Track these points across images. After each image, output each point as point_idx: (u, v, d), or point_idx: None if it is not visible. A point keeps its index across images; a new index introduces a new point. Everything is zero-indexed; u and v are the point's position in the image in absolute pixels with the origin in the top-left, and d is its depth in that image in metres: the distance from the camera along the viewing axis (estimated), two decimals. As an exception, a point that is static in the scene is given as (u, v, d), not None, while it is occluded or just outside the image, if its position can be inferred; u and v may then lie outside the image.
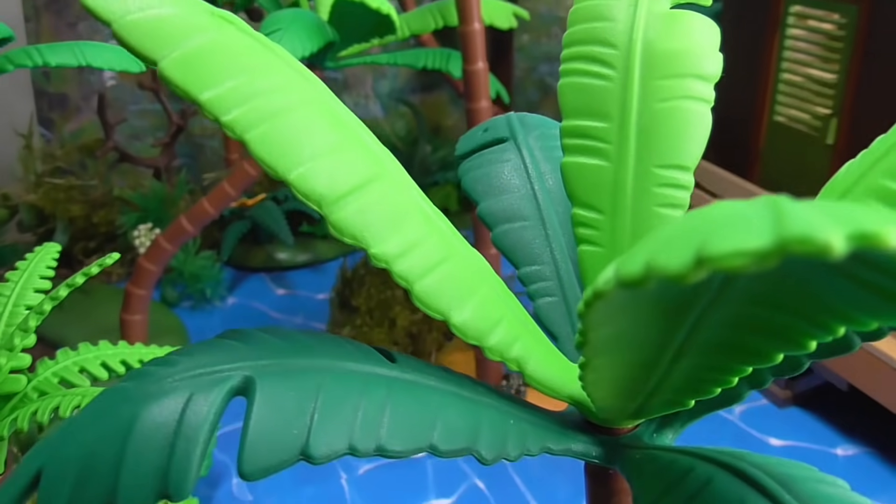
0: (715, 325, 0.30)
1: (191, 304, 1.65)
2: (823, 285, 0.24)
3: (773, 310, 0.28)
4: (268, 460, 0.33)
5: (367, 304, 1.36)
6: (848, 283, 0.23)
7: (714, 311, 0.29)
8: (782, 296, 0.27)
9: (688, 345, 0.32)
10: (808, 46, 1.48)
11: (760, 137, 1.65)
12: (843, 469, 1.19)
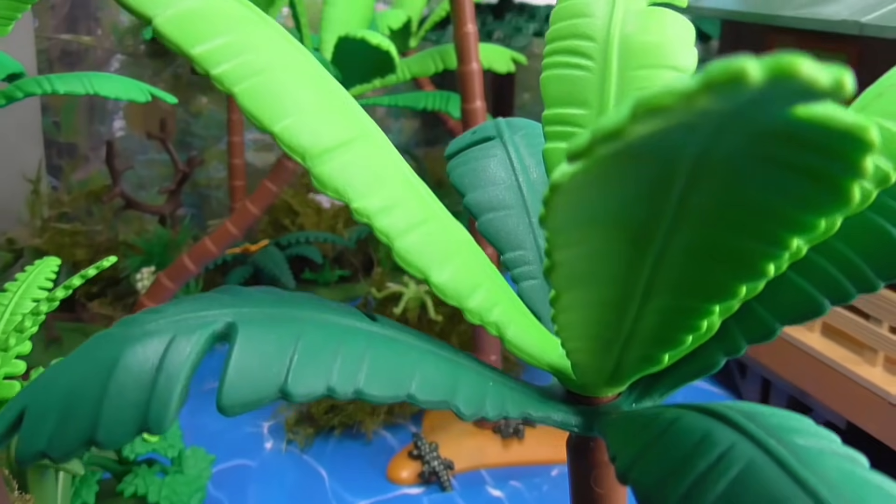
0: (676, 253, 0.31)
1: (191, 347, 1.65)
2: (763, 185, 0.26)
3: (726, 231, 0.29)
4: (247, 396, 0.34)
5: (366, 343, 1.37)
6: (783, 175, 0.25)
7: (673, 239, 0.30)
8: (731, 212, 0.28)
9: (654, 282, 0.33)
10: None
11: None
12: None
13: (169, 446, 1.09)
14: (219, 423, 1.39)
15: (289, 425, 1.34)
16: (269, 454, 1.31)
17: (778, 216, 0.27)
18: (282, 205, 1.92)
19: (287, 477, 1.25)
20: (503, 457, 1.28)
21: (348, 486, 1.22)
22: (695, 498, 0.30)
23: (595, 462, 0.45)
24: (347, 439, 1.34)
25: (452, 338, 1.42)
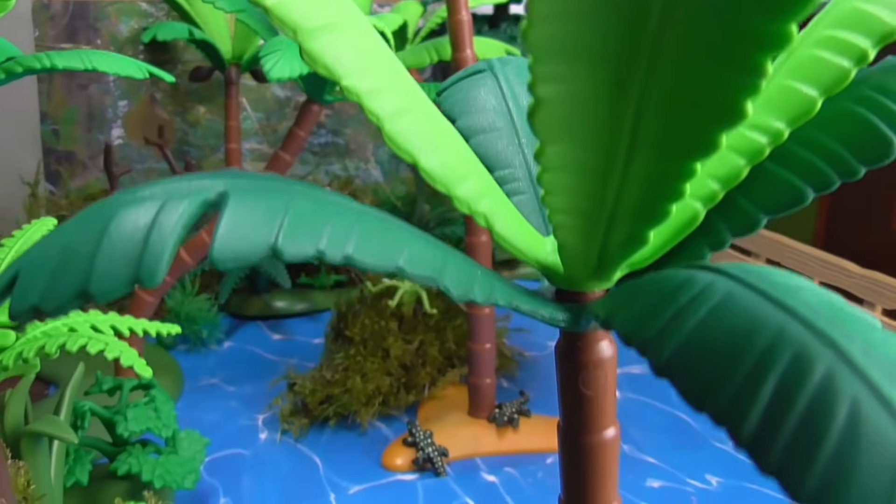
0: (656, 98, 0.32)
1: (187, 346, 1.65)
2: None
3: (701, 63, 0.30)
4: (238, 250, 0.34)
5: (362, 335, 1.37)
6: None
7: (652, 81, 0.31)
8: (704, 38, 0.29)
9: (636, 137, 0.34)
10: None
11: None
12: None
13: (163, 426, 1.09)
14: (214, 415, 1.38)
15: (283, 416, 1.34)
16: (264, 444, 1.30)
17: (747, 31, 0.28)
18: (278, 209, 1.92)
19: (281, 465, 1.24)
20: (498, 445, 1.28)
21: (342, 474, 1.22)
22: (674, 328, 0.30)
23: (583, 363, 0.46)
24: (342, 430, 1.34)
25: (447, 332, 1.43)
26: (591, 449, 0.48)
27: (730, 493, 1.18)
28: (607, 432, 0.48)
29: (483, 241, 1.25)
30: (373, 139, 2.32)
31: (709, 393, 0.28)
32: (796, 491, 0.25)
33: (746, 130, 0.41)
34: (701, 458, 1.27)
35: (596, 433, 0.47)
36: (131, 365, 0.81)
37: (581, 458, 0.48)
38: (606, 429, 0.48)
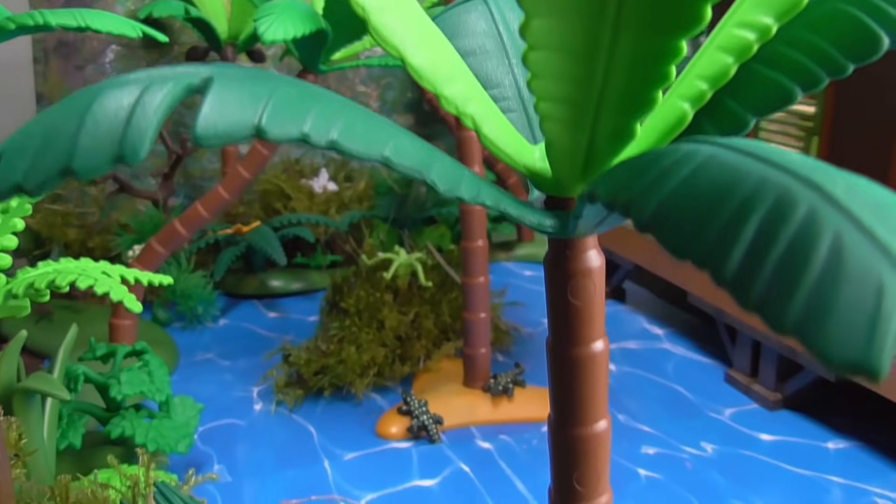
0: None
1: (182, 324, 1.65)
2: None
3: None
4: (222, 128, 0.34)
5: (357, 306, 1.37)
6: None
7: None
8: None
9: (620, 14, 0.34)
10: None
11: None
12: (834, 461, 1.17)
13: (157, 390, 1.09)
14: (209, 388, 1.38)
15: (278, 387, 1.34)
16: (259, 415, 1.30)
17: None
18: (274, 189, 1.93)
19: (276, 434, 1.24)
20: (492, 415, 1.28)
21: (337, 442, 1.21)
22: (657, 186, 0.30)
23: (571, 272, 0.46)
24: (337, 401, 1.33)
25: (443, 305, 1.42)
26: (580, 362, 0.48)
27: (724, 459, 1.18)
28: (596, 345, 0.48)
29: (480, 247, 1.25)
30: (369, 123, 2.31)
31: (691, 239, 0.27)
32: (778, 322, 0.25)
33: (734, 28, 0.41)
34: (696, 426, 1.27)
35: (584, 345, 0.47)
36: (121, 299, 0.81)
37: (570, 372, 0.48)
38: (595, 341, 0.48)
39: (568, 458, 0.50)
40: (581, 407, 0.49)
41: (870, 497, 1.09)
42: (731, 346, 1.43)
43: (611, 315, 1.72)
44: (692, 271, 1.49)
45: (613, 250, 1.73)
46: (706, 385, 1.40)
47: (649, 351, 1.54)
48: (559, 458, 0.51)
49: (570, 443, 0.50)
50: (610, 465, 0.54)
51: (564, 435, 0.50)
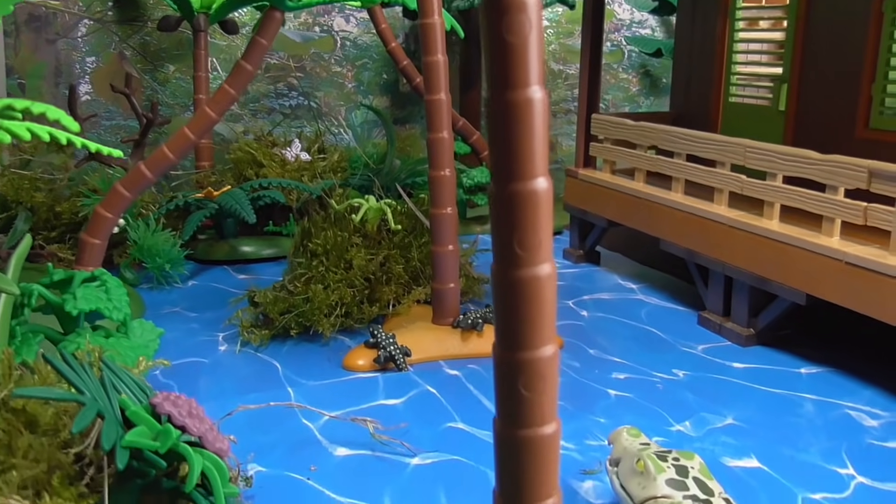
0: None
1: (150, 285, 1.62)
2: None
3: None
4: None
5: (324, 247, 1.35)
6: None
7: None
8: None
9: None
10: (758, 15, 1.56)
11: (718, 119, 1.69)
12: (807, 382, 1.16)
13: (115, 308, 1.06)
14: (173, 334, 1.35)
15: (243, 327, 1.31)
16: (223, 354, 1.27)
17: None
18: (246, 158, 1.91)
19: (240, 369, 1.22)
20: (462, 349, 1.25)
21: (302, 373, 1.19)
22: None
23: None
24: (304, 341, 1.31)
25: (413, 250, 1.41)
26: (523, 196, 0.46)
27: (696, 382, 1.16)
28: (538, 182, 0.46)
29: (447, 176, 1.24)
30: (345, 102, 2.31)
31: None
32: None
33: None
34: (667, 358, 1.25)
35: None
36: (57, 118, 0.79)
37: (512, 205, 0.46)
38: (536, 178, 0.46)
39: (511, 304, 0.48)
40: (520, 242, 0.47)
41: (842, 410, 1.07)
42: (703, 289, 1.41)
43: (585, 274, 1.71)
44: (663, 220, 1.48)
45: (587, 209, 1.73)
46: (679, 326, 1.38)
47: (623, 301, 1.53)
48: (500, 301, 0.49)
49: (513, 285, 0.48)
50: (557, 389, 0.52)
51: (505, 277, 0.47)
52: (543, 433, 0.51)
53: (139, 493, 0.70)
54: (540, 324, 0.50)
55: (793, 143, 1.45)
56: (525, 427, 0.51)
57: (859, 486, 0.89)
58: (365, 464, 0.93)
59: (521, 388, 0.50)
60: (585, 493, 0.88)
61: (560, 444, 0.51)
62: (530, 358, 0.50)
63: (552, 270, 0.50)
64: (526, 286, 0.49)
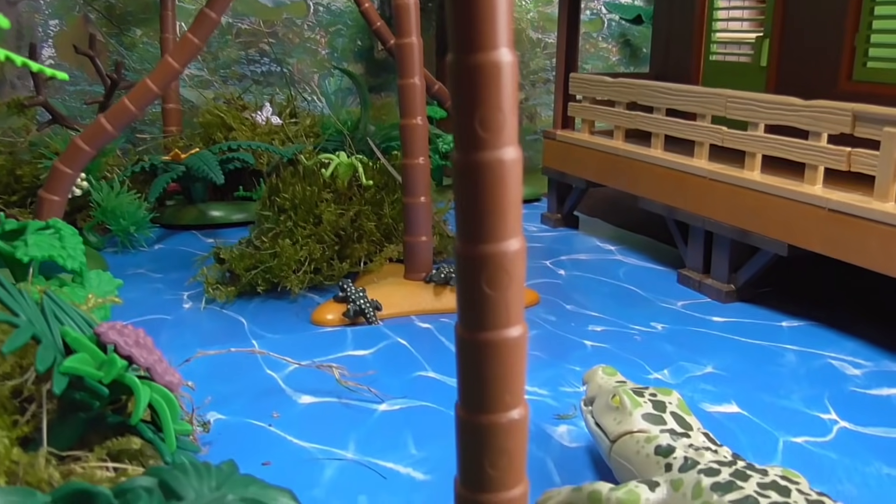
0: None
1: (115, 249, 1.57)
2: None
3: None
4: None
5: (292, 201, 1.30)
6: None
7: None
8: None
9: None
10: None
11: (699, 78, 1.65)
12: (788, 335, 1.13)
13: (68, 256, 1.01)
14: (137, 294, 1.30)
15: (209, 284, 1.27)
16: (188, 311, 1.23)
17: None
18: (214, 121, 1.86)
19: (204, 324, 1.17)
20: (434, 304, 1.21)
21: (268, 328, 1.14)
22: None
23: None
24: (272, 298, 1.27)
25: (385, 207, 1.36)
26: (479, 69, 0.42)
27: (674, 334, 1.13)
28: (500, 52, 0.42)
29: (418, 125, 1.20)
30: (318, 69, 2.26)
31: None
32: None
33: None
34: (646, 313, 1.22)
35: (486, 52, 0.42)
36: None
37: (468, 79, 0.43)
38: (498, 48, 0.42)
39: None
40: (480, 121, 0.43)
41: (824, 360, 1.04)
42: (682, 246, 1.38)
43: (563, 237, 1.67)
44: (642, 177, 1.45)
45: (565, 171, 1.69)
46: (658, 284, 1.35)
47: (601, 261, 1.49)
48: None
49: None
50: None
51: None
52: (509, 336, 0.47)
53: (83, 426, 0.66)
54: (504, 213, 0.46)
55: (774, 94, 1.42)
56: (489, 329, 0.47)
57: (842, 430, 0.86)
58: (330, 410, 0.89)
59: (484, 285, 0.46)
60: (559, 437, 0.84)
61: (527, 349, 0.47)
62: (494, 252, 0.46)
63: (517, 155, 0.46)
64: (489, 171, 0.45)
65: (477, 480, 0.51)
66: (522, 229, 0.46)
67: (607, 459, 0.72)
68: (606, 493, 0.64)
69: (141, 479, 0.49)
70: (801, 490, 0.58)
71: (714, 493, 0.59)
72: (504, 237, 0.46)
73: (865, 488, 0.75)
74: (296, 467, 0.78)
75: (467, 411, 0.50)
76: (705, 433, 0.70)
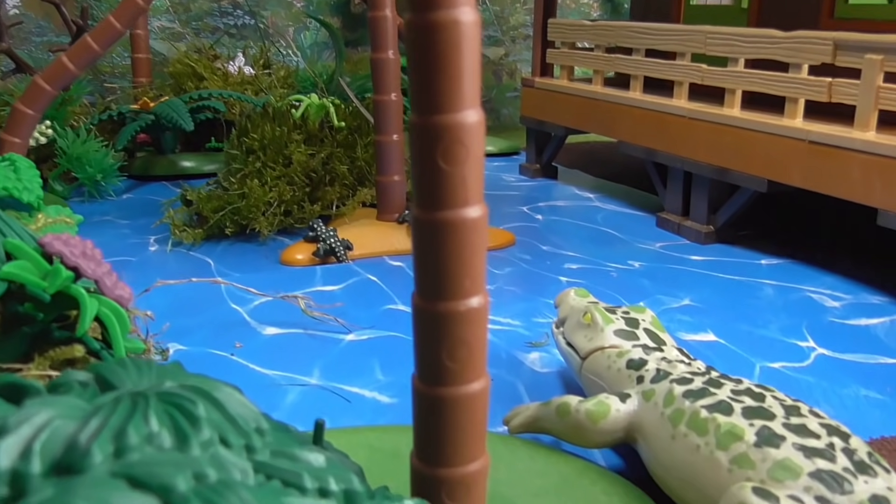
0: None
1: (82, 198, 1.53)
2: None
3: None
4: None
5: (262, 142, 1.26)
6: None
7: None
8: None
9: None
10: None
11: (680, 21, 1.62)
12: (768, 272, 1.10)
13: (24, 189, 0.98)
14: (102, 238, 1.27)
15: (175, 226, 1.23)
16: (153, 253, 1.19)
17: None
18: (185, 70, 1.81)
19: (169, 265, 1.14)
20: (407, 244, 1.18)
21: (235, 268, 1.11)
22: None
23: None
24: (241, 241, 1.23)
25: (358, 150, 1.33)
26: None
27: (652, 271, 1.10)
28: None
29: (390, 58, 1.17)
30: (293, 23, 2.21)
31: None
32: None
33: None
34: (623, 252, 1.19)
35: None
36: None
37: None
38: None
39: None
40: None
41: (803, 293, 1.02)
42: (662, 189, 1.36)
43: (541, 186, 1.64)
44: (622, 121, 1.42)
45: (544, 119, 1.66)
46: (636, 228, 1.33)
47: (579, 207, 1.47)
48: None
49: None
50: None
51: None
52: (467, 216, 0.44)
53: (27, 342, 0.62)
54: (460, 81, 0.43)
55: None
56: (445, 208, 0.44)
57: (820, 356, 0.84)
58: (296, 340, 0.86)
59: (440, 160, 0.43)
60: (531, 364, 0.82)
61: (486, 235, 0.44)
62: (449, 123, 0.43)
63: (475, 18, 0.43)
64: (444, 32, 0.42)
65: (434, 374, 0.48)
66: (480, 102, 0.43)
67: (578, 377, 0.70)
68: (575, 405, 0.61)
69: (76, 373, 0.46)
70: (777, 396, 0.56)
71: (686, 399, 0.56)
72: (460, 107, 0.43)
73: (842, 409, 0.73)
74: (256, 392, 0.75)
75: (424, 299, 0.47)
76: (679, 349, 0.68)
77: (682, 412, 0.56)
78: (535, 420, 0.64)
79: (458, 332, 0.47)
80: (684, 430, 0.55)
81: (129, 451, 0.37)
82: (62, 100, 1.63)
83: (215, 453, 0.39)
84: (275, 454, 0.42)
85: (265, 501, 0.37)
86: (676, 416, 0.56)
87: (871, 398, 0.75)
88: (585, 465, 0.60)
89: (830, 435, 0.51)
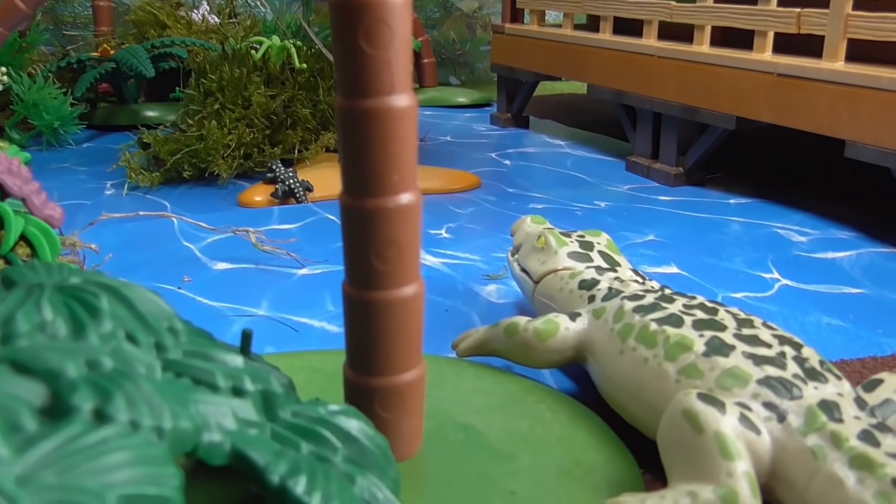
0: None
1: (40, 147, 1.49)
2: None
3: None
4: None
5: (220, 83, 1.23)
6: None
7: None
8: None
9: None
10: None
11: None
12: (736, 210, 1.09)
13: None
14: (57, 183, 1.23)
15: (132, 169, 1.20)
16: (109, 196, 1.16)
17: None
18: (147, 18, 1.76)
19: (124, 208, 1.10)
20: (370, 186, 1.15)
21: (192, 210, 1.08)
22: None
23: None
24: (200, 185, 1.20)
25: (320, 92, 1.29)
26: None
27: (618, 210, 1.08)
28: None
29: None
30: (262, -26, 2.16)
31: None
32: None
33: None
34: (591, 194, 1.17)
35: None
36: None
37: None
38: None
39: None
40: None
41: (770, 229, 1.01)
42: (631, 132, 1.33)
43: (511, 135, 1.61)
44: (591, 63, 1.39)
45: (514, 66, 1.62)
46: (605, 172, 1.30)
47: (548, 153, 1.44)
48: None
49: None
50: None
51: None
52: (393, 104, 0.42)
53: (-51, 263, 0.60)
54: None
55: None
56: (369, 96, 0.42)
57: (784, 287, 0.82)
58: (246, 275, 0.84)
59: (362, 42, 0.41)
60: (487, 295, 0.79)
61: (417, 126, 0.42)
62: (371, 0, 0.40)
63: None
64: None
65: (362, 276, 0.46)
66: None
67: (531, 302, 0.67)
68: (524, 324, 0.59)
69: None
70: (730, 311, 0.54)
71: (636, 314, 0.54)
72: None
73: (803, 334, 0.71)
74: (201, 323, 0.72)
75: (350, 196, 0.45)
76: (633, 269, 0.66)
77: (631, 326, 0.54)
78: (484, 342, 0.62)
79: (386, 231, 0.45)
80: (633, 343, 0.53)
81: (17, 338, 0.34)
82: (19, 46, 1.58)
83: (117, 346, 0.36)
84: (188, 354, 0.40)
85: (170, 396, 0.35)
86: (626, 330, 0.54)
87: (833, 325, 0.74)
88: (533, 385, 0.58)
89: (782, 344, 0.49)
